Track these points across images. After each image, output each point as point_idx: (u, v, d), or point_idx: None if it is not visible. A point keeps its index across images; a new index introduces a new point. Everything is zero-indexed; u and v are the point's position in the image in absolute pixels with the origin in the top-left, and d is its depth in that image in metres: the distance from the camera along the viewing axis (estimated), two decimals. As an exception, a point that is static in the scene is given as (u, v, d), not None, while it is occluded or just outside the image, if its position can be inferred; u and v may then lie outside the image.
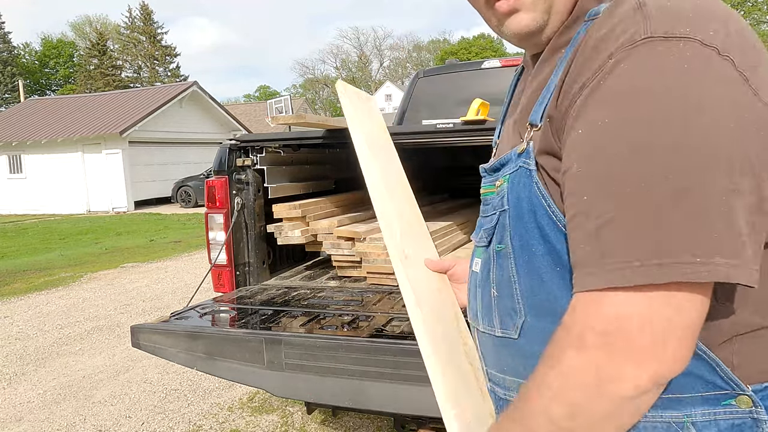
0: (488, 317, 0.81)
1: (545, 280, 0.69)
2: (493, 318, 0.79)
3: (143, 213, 17.02)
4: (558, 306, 0.68)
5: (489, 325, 0.81)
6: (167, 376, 3.89)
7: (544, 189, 0.68)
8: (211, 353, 1.96)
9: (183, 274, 7.38)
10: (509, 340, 0.76)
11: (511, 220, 0.73)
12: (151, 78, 47.07)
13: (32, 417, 3.37)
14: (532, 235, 0.70)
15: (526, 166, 0.70)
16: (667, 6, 0.56)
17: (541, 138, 0.68)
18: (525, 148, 0.71)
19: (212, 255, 2.67)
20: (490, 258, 0.79)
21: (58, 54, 53.09)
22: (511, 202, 0.73)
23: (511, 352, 0.77)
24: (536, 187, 0.69)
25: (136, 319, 5.30)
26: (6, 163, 19.68)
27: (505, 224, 0.74)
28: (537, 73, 0.76)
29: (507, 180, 0.75)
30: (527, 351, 0.73)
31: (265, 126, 27.54)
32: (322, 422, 3.12)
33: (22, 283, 7.20)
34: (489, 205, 0.81)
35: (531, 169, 0.70)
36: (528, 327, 0.73)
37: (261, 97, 62.21)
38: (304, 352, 1.80)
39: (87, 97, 23.54)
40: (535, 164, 0.69)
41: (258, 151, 2.70)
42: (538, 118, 0.69)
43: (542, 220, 0.68)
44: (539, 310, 0.71)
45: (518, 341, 0.74)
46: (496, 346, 0.80)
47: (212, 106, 22.01)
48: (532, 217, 0.69)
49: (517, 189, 0.72)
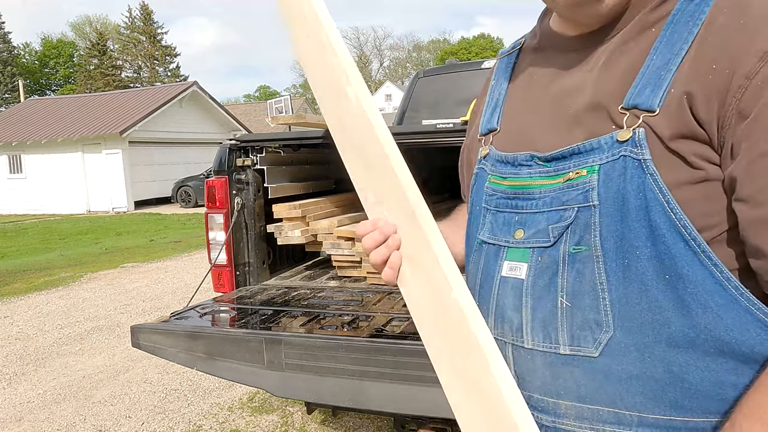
0: (545, 332, 0.68)
1: (649, 288, 0.61)
2: (557, 333, 0.67)
3: (143, 213, 17.02)
4: (664, 320, 0.61)
5: (546, 341, 0.68)
6: (167, 376, 3.89)
7: (662, 182, 0.60)
8: (211, 353, 1.96)
9: (183, 274, 7.38)
10: (583, 358, 0.65)
11: (603, 218, 0.63)
12: (151, 78, 47.08)
13: (32, 417, 3.37)
14: (637, 235, 0.61)
15: (634, 156, 0.61)
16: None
17: (667, 124, 0.60)
18: (630, 136, 0.62)
19: (212, 255, 2.67)
20: (555, 262, 0.68)
21: (58, 54, 53.09)
22: (606, 197, 0.63)
23: (583, 373, 0.66)
24: (651, 179, 0.60)
25: (136, 319, 5.30)
26: (6, 163, 19.68)
27: (591, 223, 0.64)
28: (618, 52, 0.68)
29: (596, 171, 0.65)
30: (609, 370, 0.64)
31: (265, 126, 27.53)
32: (322, 422, 3.12)
33: (22, 283, 7.20)
34: (541, 199, 0.71)
35: (643, 159, 0.61)
36: (615, 343, 0.63)
37: (261, 97, 62.21)
38: (304, 352, 1.80)
39: (87, 97, 23.54)
40: (650, 154, 0.61)
41: (258, 151, 2.70)
42: (654, 102, 0.61)
43: (657, 218, 0.60)
44: (635, 323, 0.62)
45: (597, 360, 0.64)
46: (555, 365, 0.68)
47: (212, 106, 22.01)
48: (641, 214, 0.61)
49: (617, 182, 0.62)
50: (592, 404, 0.66)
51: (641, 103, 0.62)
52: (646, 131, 0.61)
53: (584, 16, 0.70)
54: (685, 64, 0.60)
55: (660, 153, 0.61)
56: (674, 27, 0.62)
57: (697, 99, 0.59)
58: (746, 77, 0.56)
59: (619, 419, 0.65)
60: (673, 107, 0.60)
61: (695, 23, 0.61)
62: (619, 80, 0.65)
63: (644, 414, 0.63)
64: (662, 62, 0.62)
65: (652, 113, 0.61)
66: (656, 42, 0.63)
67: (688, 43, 0.60)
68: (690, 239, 0.59)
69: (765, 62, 0.55)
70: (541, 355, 0.69)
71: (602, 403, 0.65)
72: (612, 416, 0.65)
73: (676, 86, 0.60)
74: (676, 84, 0.60)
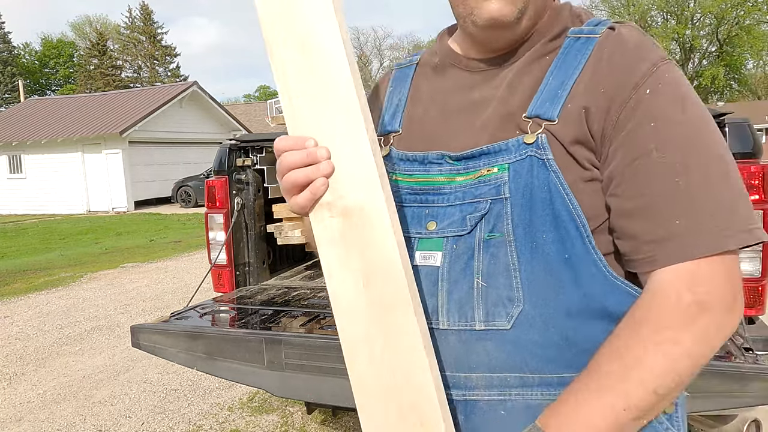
0: (461, 312, 0.76)
1: (552, 266, 0.72)
2: (473, 311, 0.75)
3: (143, 213, 17.02)
4: (562, 293, 0.72)
5: (462, 320, 0.76)
6: (167, 376, 3.89)
7: (563, 178, 0.72)
8: (211, 353, 1.96)
9: (183, 274, 7.39)
10: (496, 332, 0.74)
11: (514, 208, 0.74)
12: (151, 78, 47.08)
13: (32, 417, 3.37)
14: (543, 222, 0.72)
15: (539, 156, 0.73)
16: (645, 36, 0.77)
17: (566, 131, 0.73)
18: (535, 140, 0.74)
19: (212, 255, 2.67)
20: (471, 248, 0.76)
21: (58, 54, 53.10)
22: (516, 190, 0.74)
23: (495, 345, 0.74)
24: (554, 176, 0.72)
25: (136, 319, 5.30)
26: (6, 163, 19.69)
27: (504, 213, 0.74)
28: (520, 73, 0.80)
29: (506, 168, 0.75)
30: (518, 340, 0.73)
31: (265, 126, 27.52)
32: (322, 422, 3.12)
33: (22, 283, 7.20)
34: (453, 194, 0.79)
35: (547, 159, 0.73)
36: (524, 316, 0.73)
37: (261, 97, 62.19)
38: (304, 352, 1.80)
39: (87, 97, 23.55)
40: (552, 155, 0.73)
41: (258, 151, 2.70)
42: (554, 113, 0.74)
43: (559, 207, 0.72)
44: (541, 298, 0.73)
45: (509, 332, 0.73)
46: (469, 341, 0.76)
47: (212, 106, 22.01)
48: (546, 204, 0.72)
49: (525, 177, 0.74)
50: (501, 372, 0.74)
51: (542, 113, 0.75)
52: (548, 137, 0.74)
53: (496, 39, 0.81)
54: (579, 85, 0.74)
55: (560, 154, 0.73)
56: (564, 58, 0.77)
57: (591, 114, 0.72)
58: (622, 103, 0.71)
59: (523, 382, 0.74)
60: (573, 118, 0.73)
61: (583, 55, 0.76)
62: (522, 95, 0.78)
63: (544, 375, 0.73)
64: (557, 83, 0.75)
65: (552, 122, 0.74)
66: (551, 68, 0.77)
67: (578, 70, 0.75)
68: (581, 226, 0.72)
69: (636, 91, 0.70)
70: (455, 333, 0.77)
71: (510, 370, 0.74)
72: (518, 381, 0.74)
73: (573, 102, 0.73)
74: (572, 100, 0.73)
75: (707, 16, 39.04)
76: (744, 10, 36.94)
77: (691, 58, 42.02)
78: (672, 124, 0.69)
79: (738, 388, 1.42)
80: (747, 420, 1.83)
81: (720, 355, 1.53)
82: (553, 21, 0.81)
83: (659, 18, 41.67)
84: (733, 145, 2.00)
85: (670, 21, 40.79)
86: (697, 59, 42.21)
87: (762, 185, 1.95)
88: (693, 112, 0.70)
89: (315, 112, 0.71)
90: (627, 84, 0.71)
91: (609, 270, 0.72)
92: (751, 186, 1.96)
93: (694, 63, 42.27)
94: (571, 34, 0.79)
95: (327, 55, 0.69)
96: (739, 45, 38.61)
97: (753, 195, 1.96)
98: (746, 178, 1.96)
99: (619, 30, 0.76)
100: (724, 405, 1.48)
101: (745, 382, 1.41)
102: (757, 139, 2.05)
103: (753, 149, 2.01)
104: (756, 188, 1.96)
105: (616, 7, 41.97)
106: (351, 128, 0.69)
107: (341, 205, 0.71)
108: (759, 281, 1.98)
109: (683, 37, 40.18)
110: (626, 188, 0.70)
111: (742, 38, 37.81)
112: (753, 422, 1.83)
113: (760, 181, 1.95)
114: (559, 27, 0.80)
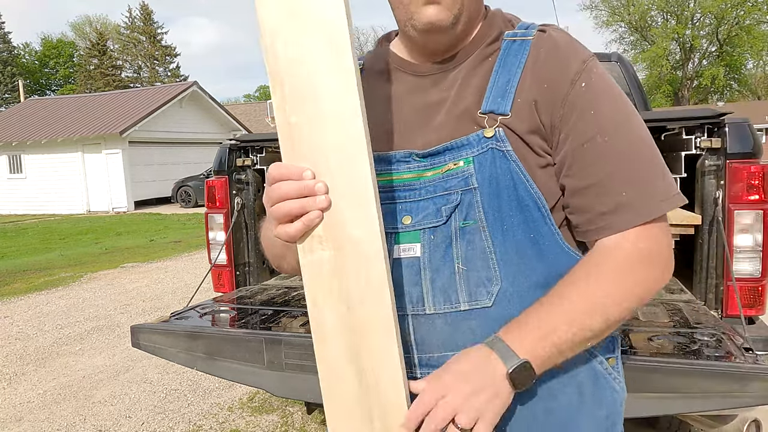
0: (446, 296, 0.82)
1: (521, 245, 0.81)
2: (456, 294, 0.82)
3: (143, 213, 17.02)
4: (531, 269, 0.81)
5: (447, 304, 0.82)
6: (167, 376, 3.90)
7: (522, 166, 0.81)
8: (211, 353, 1.96)
9: (183, 274, 7.39)
10: (480, 310, 0.81)
11: (483, 197, 0.81)
12: (151, 78, 47.07)
13: (32, 417, 3.37)
14: (510, 207, 0.80)
15: (499, 148, 0.81)
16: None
17: (520, 123, 0.81)
18: (494, 134, 0.82)
19: (212, 255, 2.67)
20: (448, 236, 0.82)
21: (58, 54, 53.09)
22: (483, 181, 0.81)
23: (479, 322, 0.81)
24: (515, 165, 0.81)
25: (136, 319, 5.30)
26: (6, 163, 19.69)
27: (475, 201, 0.81)
28: (468, 75, 0.87)
29: (470, 162, 0.82)
30: (499, 316, 0.80)
31: (265, 126, 27.54)
32: (322, 422, 3.12)
33: (22, 283, 7.20)
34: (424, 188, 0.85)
35: (506, 150, 0.81)
36: (502, 293, 0.81)
37: (261, 97, 62.16)
38: (304, 352, 1.80)
39: (87, 97, 23.54)
40: (510, 146, 0.81)
41: (258, 151, 2.70)
42: (506, 108, 0.82)
43: (522, 192, 0.80)
44: (516, 275, 0.81)
45: (491, 309, 0.81)
46: (455, 322, 0.82)
47: (212, 106, 22.01)
48: (511, 191, 0.80)
49: (489, 168, 0.81)
50: None
51: (495, 109, 0.82)
52: (505, 130, 0.81)
53: (435, 43, 0.87)
54: (525, 82, 0.82)
55: (517, 145, 0.81)
56: (505, 58, 0.85)
57: (540, 106, 0.82)
58: (564, 96, 0.81)
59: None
60: (525, 111, 0.82)
61: (522, 55, 0.84)
62: (474, 95, 0.85)
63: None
64: (504, 81, 0.83)
65: (505, 116, 0.82)
66: (494, 68, 0.85)
67: (520, 68, 0.83)
68: (542, 207, 0.81)
69: (573, 86, 0.81)
70: (441, 317, 0.83)
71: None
72: None
73: (522, 96, 0.82)
74: (520, 95, 0.82)
75: (707, 16, 39.02)
76: (744, 10, 36.92)
77: (691, 58, 42.01)
78: (607, 112, 0.81)
79: (738, 388, 1.42)
80: (747, 420, 1.83)
81: (720, 355, 1.53)
82: (489, 27, 0.89)
83: (659, 18, 41.66)
84: (733, 145, 2.00)
85: (670, 21, 40.76)
86: (697, 59, 42.19)
87: (762, 185, 1.95)
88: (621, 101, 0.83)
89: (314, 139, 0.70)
90: (565, 79, 0.81)
91: (564, 243, 0.83)
92: (751, 186, 1.96)
93: (694, 63, 42.27)
94: (506, 37, 0.87)
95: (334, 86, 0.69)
96: (739, 45, 38.59)
97: (753, 195, 1.96)
98: (746, 178, 1.96)
99: (549, 32, 0.86)
100: (724, 405, 1.48)
101: (745, 382, 1.41)
102: (757, 139, 2.04)
103: (753, 149, 2.01)
104: (756, 188, 1.95)
105: (616, 7, 41.96)
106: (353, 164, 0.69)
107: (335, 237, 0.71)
108: (759, 281, 1.98)
109: (683, 37, 40.16)
110: (578, 169, 0.81)
111: (742, 38, 37.80)
112: (753, 422, 1.83)
113: (760, 181, 1.95)
114: (495, 31, 0.89)
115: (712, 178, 2.05)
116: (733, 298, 1.99)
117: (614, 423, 0.88)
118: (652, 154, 0.81)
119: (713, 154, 2.05)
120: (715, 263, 2.09)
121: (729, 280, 1.99)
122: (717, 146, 2.03)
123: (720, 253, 2.06)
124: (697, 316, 1.90)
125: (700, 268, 2.13)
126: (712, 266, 2.10)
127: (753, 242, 1.96)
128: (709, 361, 1.48)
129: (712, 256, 2.10)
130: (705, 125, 2.08)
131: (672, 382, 1.47)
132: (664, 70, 40.40)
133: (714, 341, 1.63)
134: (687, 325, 1.80)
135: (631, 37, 43.03)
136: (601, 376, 0.86)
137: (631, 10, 40.80)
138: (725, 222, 1.98)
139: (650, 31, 41.44)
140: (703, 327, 1.76)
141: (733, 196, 1.98)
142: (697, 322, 1.83)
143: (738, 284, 1.93)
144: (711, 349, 1.57)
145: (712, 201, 2.04)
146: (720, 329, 1.73)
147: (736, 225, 1.97)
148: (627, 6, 41.14)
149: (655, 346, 1.61)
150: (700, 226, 2.10)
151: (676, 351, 1.58)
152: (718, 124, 2.05)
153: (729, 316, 2.04)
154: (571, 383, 0.83)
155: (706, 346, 1.60)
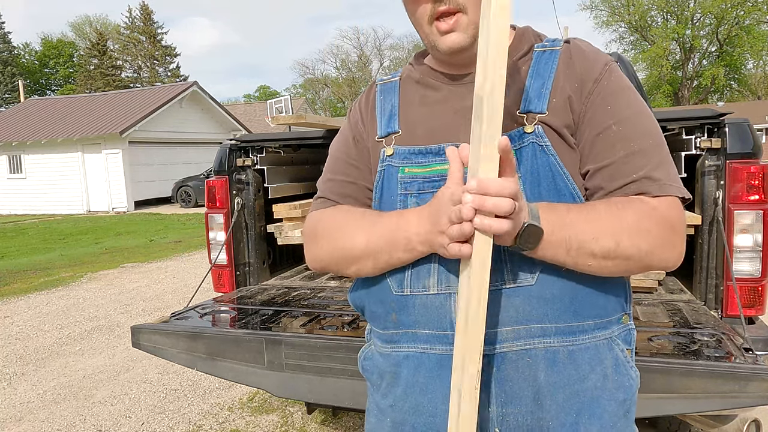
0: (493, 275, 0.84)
1: None
2: (503, 273, 0.89)
3: (143, 213, 17.02)
4: None
5: (494, 282, 0.87)
6: (167, 376, 3.90)
7: (559, 159, 0.90)
8: (211, 353, 1.96)
9: (183, 274, 7.39)
10: (523, 288, 0.89)
11: (526, 185, 0.89)
12: (151, 78, 47.05)
13: (32, 417, 3.37)
14: (549, 194, 0.89)
15: (538, 143, 0.91)
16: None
17: (557, 120, 0.92)
18: (533, 131, 0.91)
19: (212, 255, 2.67)
20: None
21: (58, 54, 53.07)
22: (525, 171, 0.90)
23: (522, 300, 0.89)
24: (553, 159, 0.90)
25: (136, 319, 5.30)
26: (6, 163, 19.68)
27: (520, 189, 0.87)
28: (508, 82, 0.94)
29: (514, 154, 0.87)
30: (541, 294, 0.88)
31: (265, 126, 27.52)
32: (322, 422, 3.12)
33: (22, 283, 7.20)
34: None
35: (545, 144, 0.91)
36: (544, 273, 0.89)
37: (261, 97, 62.17)
38: (304, 352, 1.80)
39: (87, 97, 23.54)
40: (549, 141, 0.90)
41: (258, 151, 2.71)
42: (543, 107, 0.92)
43: (560, 183, 0.90)
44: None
45: (533, 287, 0.89)
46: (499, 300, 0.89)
47: (212, 106, 22.00)
48: (549, 182, 0.90)
49: (531, 161, 0.91)
50: (527, 324, 0.89)
51: (533, 108, 0.93)
52: (543, 127, 0.91)
53: (460, 59, 0.97)
54: (558, 83, 0.94)
55: (555, 139, 0.91)
56: (537, 66, 0.96)
57: (573, 101, 0.93)
58: (589, 93, 0.93)
59: (543, 332, 0.89)
60: (560, 109, 0.92)
61: (553, 62, 0.96)
62: (512, 97, 0.93)
63: (559, 324, 0.90)
64: (539, 85, 0.94)
65: (543, 114, 0.92)
66: (528, 75, 0.96)
67: (553, 73, 0.95)
68: (576, 195, 0.91)
69: (597, 84, 0.93)
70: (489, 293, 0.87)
71: (534, 321, 0.89)
72: (539, 331, 0.89)
73: (557, 96, 0.93)
74: (555, 95, 0.93)
75: (707, 16, 39.02)
76: (744, 10, 36.90)
77: (691, 58, 42.01)
78: (623, 106, 0.93)
79: (738, 388, 1.42)
80: (747, 420, 1.83)
81: (720, 355, 1.53)
82: (519, 41, 1.00)
83: (659, 18, 41.66)
84: (733, 146, 2.00)
85: (670, 21, 40.77)
86: (697, 59, 42.19)
87: (762, 185, 1.95)
88: (635, 98, 0.94)
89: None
90: (591, 78, 0.94)
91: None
92: (751, 186, 1.96)
93: (694, 63, 42.27)
94: (537, 48, 0.99)
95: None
96: (739, 45, 38.59)
97: (753, 195, 1.96)
98: (746, 178, 1.96)
99: (574, 41, 0.99)
100: (724, 405, 1.48)
101: (745, 382, 1.41)
102: (757, 139, 2.04)
103: (753, 149, 2.01)
104: (756, 188, 1.95)
105: (616, 7, 41.96)
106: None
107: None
108: (759, 281, 1.98)
109: (683, 37, 40.16)
110: (597, 153, 0.91)
111: (742, 38, 37.79)
112: (753, 422, 1.83)
113: (760, 181, 1.95)
114: (526, 45, 1.00)
115: (712, 179, 2.06)
116: (733, 298, 1.99)
117: (629, 408, 0.96)
118: (661, 144, 0.91)
119: (713, 155, 2.05)
120: (715, 263, 2.09)
121: (729, 280, 1.99)
122: (717, 146, 2.03)
123: (720, 253, 2.06)
124: (697, 316, 1.91)
125: (700, 268, 2.13)
126: (712, 266, 2.10)
127: (753, 242, 1.96)
128: (709, 361, 1.48)
129: (712, 256, 2.10)
130: (705, 125, 2.08)
131: (672, 382, 1.47)
132: (664, 70, 40.38)
133: (714, 341, 1.63)
134: (687, 325, 1.80)
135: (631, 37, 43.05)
136: (621, 363, 0.94)
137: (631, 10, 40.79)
138: (725, 222, 1.98)
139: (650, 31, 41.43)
140: (703, 327, 1.76)
141: (733, 196, 1.98)
142: (697, 322, 1.83)
143: (738, 284, 1.93)
144: (711, 350, 1.57)
145: (712, 201, 2.05)
146: (720, 329, 1.73)
147: (736, 225, 1.97)
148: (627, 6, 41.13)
149: (655, 347, 1.61)
150: (700, 226, 2.10)
151: (676, 351, 1.58)
152: (718, 124, 2.05)
153: (729, 317, 2.04)
154: (598, 368, 0.91)
155: (706, 346, 1.60)
